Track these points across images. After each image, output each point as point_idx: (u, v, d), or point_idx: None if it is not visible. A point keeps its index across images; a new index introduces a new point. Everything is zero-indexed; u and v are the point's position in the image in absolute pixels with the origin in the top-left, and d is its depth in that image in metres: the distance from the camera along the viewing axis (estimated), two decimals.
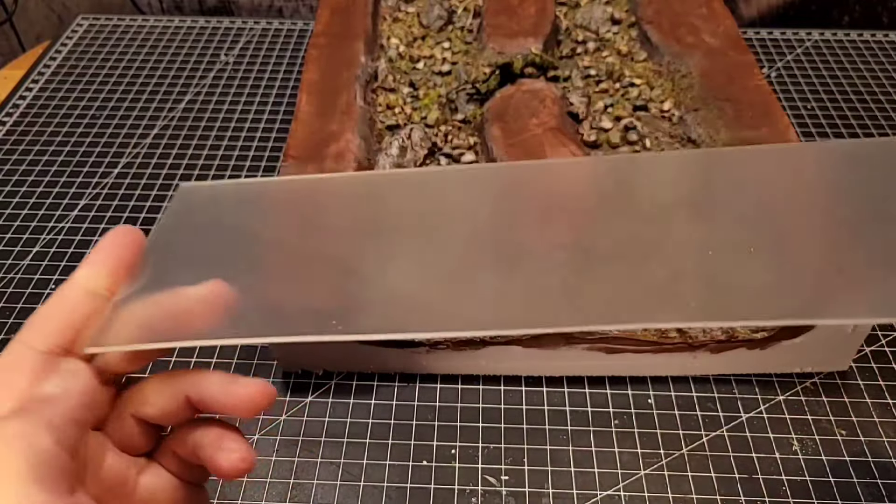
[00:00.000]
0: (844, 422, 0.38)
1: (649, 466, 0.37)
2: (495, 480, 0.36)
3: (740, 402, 0.39)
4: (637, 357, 0.39)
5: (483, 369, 0.40)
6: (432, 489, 0.36)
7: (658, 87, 0.55)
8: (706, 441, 0.38)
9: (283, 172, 0.45)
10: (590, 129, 0.51)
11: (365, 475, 0.36)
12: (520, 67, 0.52)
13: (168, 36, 0.69)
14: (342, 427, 0.38)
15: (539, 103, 0.50)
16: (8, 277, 0.46)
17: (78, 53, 0.66)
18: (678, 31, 0.56)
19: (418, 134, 0.49)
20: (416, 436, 0.38)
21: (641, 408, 0.39)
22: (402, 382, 0.40)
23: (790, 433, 0.38)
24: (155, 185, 0.53)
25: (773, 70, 0.63)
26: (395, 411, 0.39)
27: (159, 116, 0.59)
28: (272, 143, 0.56)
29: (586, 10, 0.62)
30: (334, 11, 0.59)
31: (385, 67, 0.56)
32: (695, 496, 0.35)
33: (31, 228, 0.50)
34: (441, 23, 0.61)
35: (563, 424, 0.38)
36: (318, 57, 0.54)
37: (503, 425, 0.38)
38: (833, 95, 0.60)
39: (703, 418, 0.39)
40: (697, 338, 0.38)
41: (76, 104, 0.61)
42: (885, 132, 0.56)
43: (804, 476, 0.36)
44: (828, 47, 0.66)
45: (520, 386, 0.40)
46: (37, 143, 0.57)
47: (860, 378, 0.40)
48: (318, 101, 0.50)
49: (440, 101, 0.54)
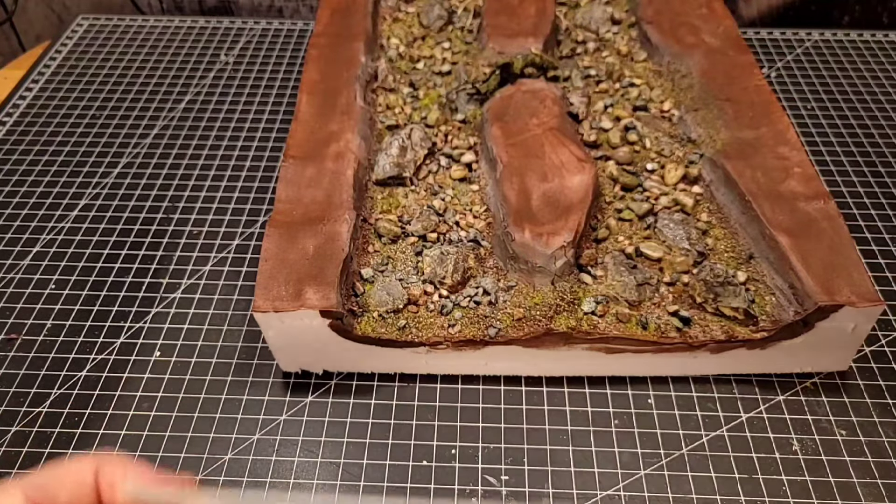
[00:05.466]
0: (844, 422, 0.38)
1: (649, 466, 0.37)
2: (495, 480, 0.36)
3: (740, 402, 0.39)
4: (637, 357, 0.39)
5: (483, 369, 0.40)
6: (432, 489, 0.36)
7: (658, 87, 0.55)
8: (706, 441, 0.38)
9: (283, 172, 0.45)
10: (590, 129, 0.51)
11: (365, 475, 0.36)
12: (520, 67, 0.52)
13: (168, 36, 0.69)
14: (342, 427, 0.38)
15: (539, 103, 0.49)
16: (8, 277, 0.46)
17: (78, 53, 0.66)
18: (678, 31, 0.56)
19: (418, 134, 0.49)
20: (416, 436, 0.38)
21: (641, 408, 0.39)
22: (402, 382, 0.40)
23: (790, 433, 0.38)
24: (155, 185, 0.53)
25: (773, 70, 0.63)
26: (395, 411, 0.39)
27: (159, 116, 0.59)
28: (272, 143, 0.56)
29: (586, 10, 0.62)
30: (334, 11, 0.59)
31: (385, 67, 0.56)
32: (695, 496, 0.35)
33: (31, 228, 0.50)
34: (441, 23, 0.61)
35: (563, 424, 0.38)
36: (318, 57, 0.54)
37: (503, 425, 0.38)
38: (833, 95, 0.60)
39: (703, 418, 0.39)
40: (697, 338, 0.38)
41: (76, 104, 0.61)
42: (885, 132, 0.56)
43: (804, 476, 0.36)
44: (828, 47, 0.66)
45: (520, 386, 0.40)
46: (37, 143, 0.57)
47: (860, 378, 0.40)
48: (318, 101, 0.50)
49: (440, 101, 0.54)
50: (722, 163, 0.45)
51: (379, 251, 0.44)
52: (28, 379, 0.41)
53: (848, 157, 0.54)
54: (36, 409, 0.39)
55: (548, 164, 0.45)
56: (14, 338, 0.43)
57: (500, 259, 0.43)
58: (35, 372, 0.41)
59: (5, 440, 0.38)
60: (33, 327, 0.44)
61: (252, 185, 0.53)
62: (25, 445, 0.38)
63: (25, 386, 0.41)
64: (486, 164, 0.48)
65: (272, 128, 0.58)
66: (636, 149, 0.49)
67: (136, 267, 0.47)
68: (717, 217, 0.45)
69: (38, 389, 0.40)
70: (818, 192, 0.42)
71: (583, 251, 0.43)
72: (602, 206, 0.46)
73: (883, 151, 0.55)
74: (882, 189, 0.51)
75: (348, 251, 0.40)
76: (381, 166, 0.47)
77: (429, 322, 0.39)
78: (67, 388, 0.40)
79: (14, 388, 0.40)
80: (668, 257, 0.43)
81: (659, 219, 0.45)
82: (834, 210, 0.42)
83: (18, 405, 0.40)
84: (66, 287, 0.46)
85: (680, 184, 0.47)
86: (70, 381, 0.41)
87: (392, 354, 0.39)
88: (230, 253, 0.48)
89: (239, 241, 0.48)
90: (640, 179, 0.47)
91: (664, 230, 0.44)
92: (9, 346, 0.43)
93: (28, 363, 0.42)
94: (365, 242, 0.44)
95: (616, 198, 0.46)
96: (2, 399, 0.40)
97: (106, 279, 0.46)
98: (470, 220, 0.45)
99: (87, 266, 0.47)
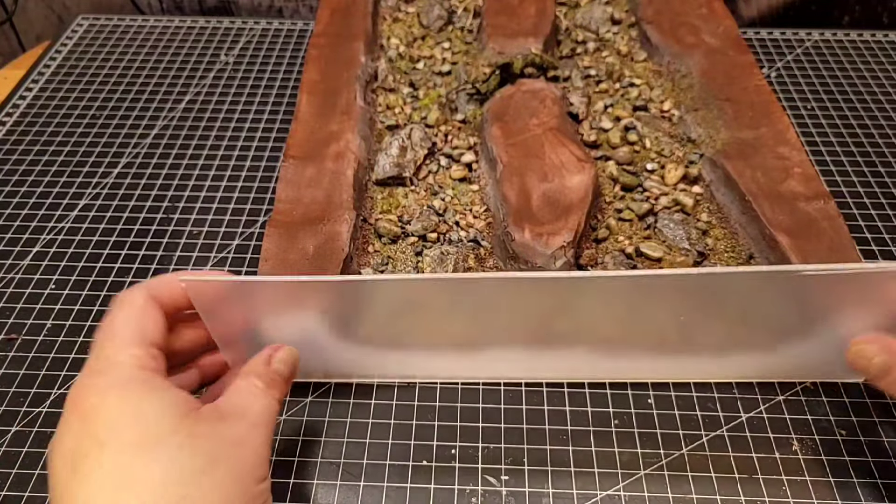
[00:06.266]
0: (844, 422, 0.38)
1: (649, 466, 0.37)
2: (495, 480, 0.36)
3: (740, 402, 0.39)
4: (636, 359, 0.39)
5: (482, 370, 0.40)
6: (432, 489, 0.36)
7: (658, 87, 0.55)
8: (706, 441, 0.38)
9: (283, 172, 0.45)
10: (590, 129, 0.51)
11: (365, 475, 0.36)
12: (520, 67, 0.52)
13: (168, 36, 0.69)
14: (342, 427, 0.38)
15: (539, 103, 0.49)
16: (8, 277, 0.46)
17: (78, 53, 0.66)
18: (678, 31, 0.56)
19: (418, 134, 0.49)
20: (416, 436, 0.38)
21: (641, 408, 0.39)
22: (401, 382, 0.40)
23: (790, 433, 0.38)
24: (155, 185, 0.53)
25: (773, 70, 0.63)
26: (395, 411, 0.39)
27: (159, 116, 0.59)
28: (272, 143, 0.56)
29: (586, 10, 0.62)
30: (334, 11, 0.59)
31: (385, 67, 0.56)
32: (695, 496, 0.35)
33: (31, 228, 0.50)
34: (441, 23, 0.61)
35: (563, 424, 0.38)
36: (318, 57, 0.54)
37: (503, 425, 0.38)
38: (833, 95, 0.60)
39: (703, 418, 0.39)
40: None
41: (76, 104, 0.61)
42: (885, 132, 0.56)
43: (804, 476, 0.36)
44: (828, 47, 0.66)
45: (520, 386, 0.40)
46: (37, 143, 0.57)
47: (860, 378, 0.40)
48: (318, 101, 0.50)
49: (440, 101, 0.54)
50: (722, 163, 0.45)
51: (379, 251, 0.44)
52: (28, 379, 0.41)
53: (848, 157, 0.54)
54: (36, 409, 0.39)
55: (548, 164, 0.45)
56: (14, 338, 0.43)
57: (500, 259, 0.43)
58: (35, 372, 0.41)
59: (5, 440, 0.38)
60: (33, 327, 0.44)
61: (252, 185, 0.53)
62: (25, 445, 0.38)
63: (25, 386, 0.41)
64: (486, 164, 0.48)
65: (272, 128, 0.58)
66: (636, 149, 0.49)
67: (136, 267, 0.47)
68: (717, 217, 0.45)
69: (38, 389, 0.40)
70: (818, 192, 0.42)
71: (583, 251, 0.43)
72: (602, 206, 0.46)
73: (883, 151, 0.55)
74: (882, 189, 0.51)
75: (348, 251, 0.40)
76: (381, 166, 0.47)
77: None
78: (67, 388, 0.40)
79: (14, 388, 0.40)
80: (668, 257, 0.43)
81: (659, 219, 0.45)
82: (834, 210, 0.42)
83: (18, 405, 0.40)
84: (66, 287, 0.46)
85: (680, 184, 0.47)
86: (70, 381, 0.41)
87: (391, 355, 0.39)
88: (230, 253, 0.48)
89: (239, 241, 0.48)
90: (640, 179, 0.47)
91: (664, 230, 0.44)
92: (9, 346, 0.43)
93: (28, 363, 0.42)
94: (365, 242, 0.44)
95: (616, 198, 0.46)
96: (2, 399, 0.40)
97: (106, 279, 0.46)
98: (470, 220, 0.45)
99: (87, 266, 0.47)
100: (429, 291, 0.33)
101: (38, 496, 0.36)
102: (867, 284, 0.31)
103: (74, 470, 0.25)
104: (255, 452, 0.27)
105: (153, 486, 0.25)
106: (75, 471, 0.25)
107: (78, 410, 0.27)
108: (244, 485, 0.26)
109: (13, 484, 0.36)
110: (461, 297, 0.33)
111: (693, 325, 0.35)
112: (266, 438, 0.28)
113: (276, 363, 0.32)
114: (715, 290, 0.32)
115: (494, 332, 0.36)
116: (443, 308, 0.34)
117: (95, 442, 0.25)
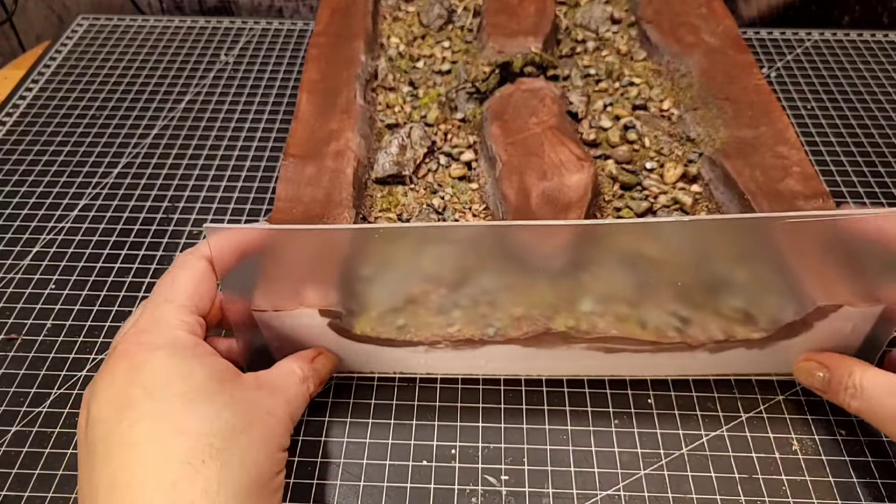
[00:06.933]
0: (844, 422, 0.38)
1: (649, 466, 0.37)
2: (495, 480, 0.36)
3: (740, 402, 0.39)
4: (635, 357, 0.39)
5: (482, 369, 0.40)
6: (432, 489, 0.36)
7: (657, 86, 0.55)
8: (706, 441, 0.38)
9: (283, 171, 0.45)
10: (589, 127, 0.51)
11: (365, 475, 0.36)
12: (519, 66, 0.52)
13: (168, 36, 0.69)
14: (342, 427, 0.38)
15: (538, 102, 0.49)
16: (8, 277, 0.46)
17: (78, 53, 0.66)
18: (678, 30, 0.56)
19: (418, 132, 0.49)
20: (416, 436, 0.38)
21: (641, 408, 0.39)
22: (402, 382, 0.40)
23: (790, 433, 0.38)
24: (155, 185, 0.53)
25: (773, 70, 0.63)
26: (395, 411, 0.39)
27: (159, 116, 0.59)
28: (272, 143, 0.56)
29: (586, 9, 0.62)
30: (334, 11, 0.59)
31: (385, 66, 0.56)
32: (695, 496, 0.35)
33: (31, 228, 0.50)
34: (441, 22, 0.61)
35: (563, 424, 0.38)
36: (318, 56, 0.54)
37: (503, 425, 0.38)
38: (833, 95, 0.60)
39: (703, 418, 0.39)
40: (697, 338, 0.38)
41: (76, 104, 0.61)
42: (885, 132, 0.56)
43: (804, 476, 0.36)
44: (828, 47, 0.66)
45: (520, 386, 0.40)
46: (37, 143, 0.57)
47: None
48: (318, 101, 0.50)
49: (440, 99, 0.54)
50: (721, 161, 0.45)
51: None
52: (28, 379, 0.41)
53: (848, 157, 0.54)
54: (36, 409, 0.39)
55: (547, 162, 0.45)
56: (14, 338, 0.43)
57: None
58: (35, 372, 0.41)
59: (5, 440, 0.38)
60: (33, 327, 0.44)
61: (252, 184, 0.53)
62: (25, 445, 0.38)
63: (25, 386, 0.41)
64: (485, 163, 0.48)
65: (272, 127, 0.58)
66: (635, 147, 0.49)
67: (136, 267, 0.47)
68: None
69: (38, 389, 0.40)
70: (817, 192, 0.42)
71: None
72: (601, 205, 0.46)
73: (883, 151, 0.55)
74: (882, 189, 0.51)
75: None
76: (381, 165, 0.47)
77: (427, 321, 0.39)
78: (67, 388, 0.40)
79: (14, 388, 0.40)
80: None
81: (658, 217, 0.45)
82: (832, 209, 0.42)
83: (18, 405, 0.40)
84: (66, 287, 0.46)
85: (679, 182, 0.47)
86: (70, 381, 0.41)
87: (390, 354, 0.39)
88: None
89: None
90: (639, 178, 0.47)
91: None
92: (9, 346, 0.43)
93: (28, 363, 0.42)
94: None
95: (615, 196, 0.46)
96: (2, 399, 0.40)
97: (106, 279, 0.46)
98: (469, 219, 0.45)
99: (87, 266, 0.47)
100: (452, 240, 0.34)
101: (39, 496, 0.36)
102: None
103: (121, 415, 0.28)
104: (281, 423, 0.31)
105: (199, 435, 0.27)
106: (122, 416, 0.28)
107: (126, 362, 0.29)
108: (270, 449, 0.30)
109: (13, 484, 0.36)
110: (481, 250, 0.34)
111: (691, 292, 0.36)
112: (292, 415, 0.33)
113: (317, 363, 0.37)
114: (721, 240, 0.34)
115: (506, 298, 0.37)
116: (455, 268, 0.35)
117: (145, 392, 0.28)
